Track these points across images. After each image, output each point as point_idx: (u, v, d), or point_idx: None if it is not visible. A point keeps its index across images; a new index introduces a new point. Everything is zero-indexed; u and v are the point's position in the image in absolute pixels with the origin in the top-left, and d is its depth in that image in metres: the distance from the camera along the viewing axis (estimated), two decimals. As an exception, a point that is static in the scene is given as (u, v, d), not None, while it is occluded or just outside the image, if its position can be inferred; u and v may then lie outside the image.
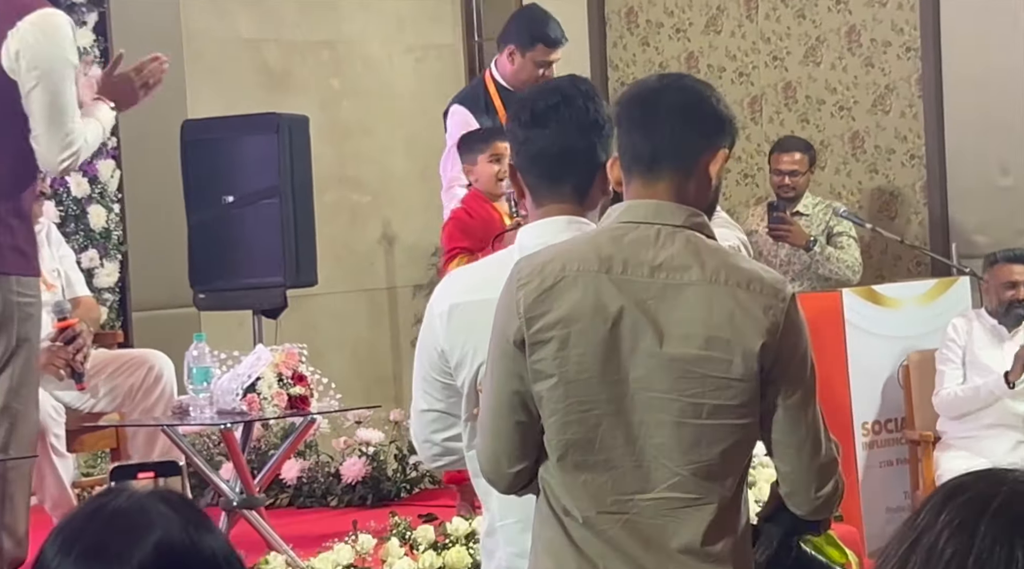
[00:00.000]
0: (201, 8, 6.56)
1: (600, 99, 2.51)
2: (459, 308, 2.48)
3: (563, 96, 2.47)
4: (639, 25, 7.22)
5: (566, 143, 2.44)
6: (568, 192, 2.45)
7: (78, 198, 5.59)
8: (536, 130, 2.46)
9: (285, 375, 4.25)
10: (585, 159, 2.45)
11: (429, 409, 2.56)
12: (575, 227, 2.43)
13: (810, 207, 6.12)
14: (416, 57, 7.41)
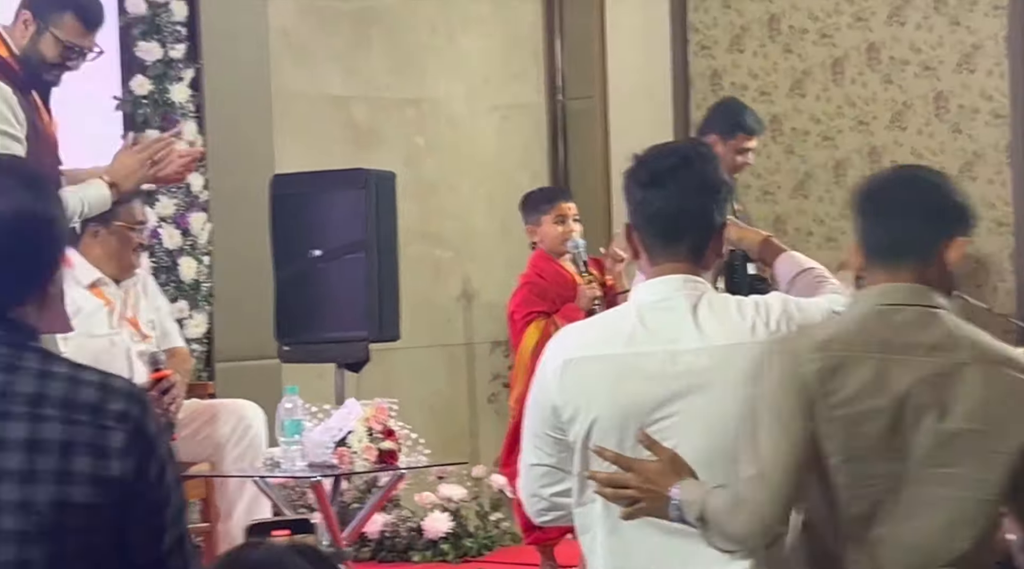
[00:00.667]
0: (291, 65, 6.65)
1: (717, 162, 2.56)
2: (573, 363, 2.49)
3: (681, 158, 2.52)
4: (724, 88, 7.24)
5: (683, 204, 2.48)
6: (684, 252, 2.48)
7: (170, 249, 5.67)
8: (654, 190, 2.50)
9: (375, 429, 4.27)
10: (701, 220, 2.49)
11: (539, 463, 2.57)
12: (691, 286, 2.46)
13: None
14: (500, 115, 7.47)
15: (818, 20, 6.91)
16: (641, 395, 2.44)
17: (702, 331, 2.44)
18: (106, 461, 1.81)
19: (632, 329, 2.47)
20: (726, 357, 2.42)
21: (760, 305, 2.49)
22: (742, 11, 7.13)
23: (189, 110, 5.75)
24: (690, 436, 2.42)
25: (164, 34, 5.62)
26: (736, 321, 2.45)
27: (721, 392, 2.42)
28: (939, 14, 6.58)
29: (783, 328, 2.45)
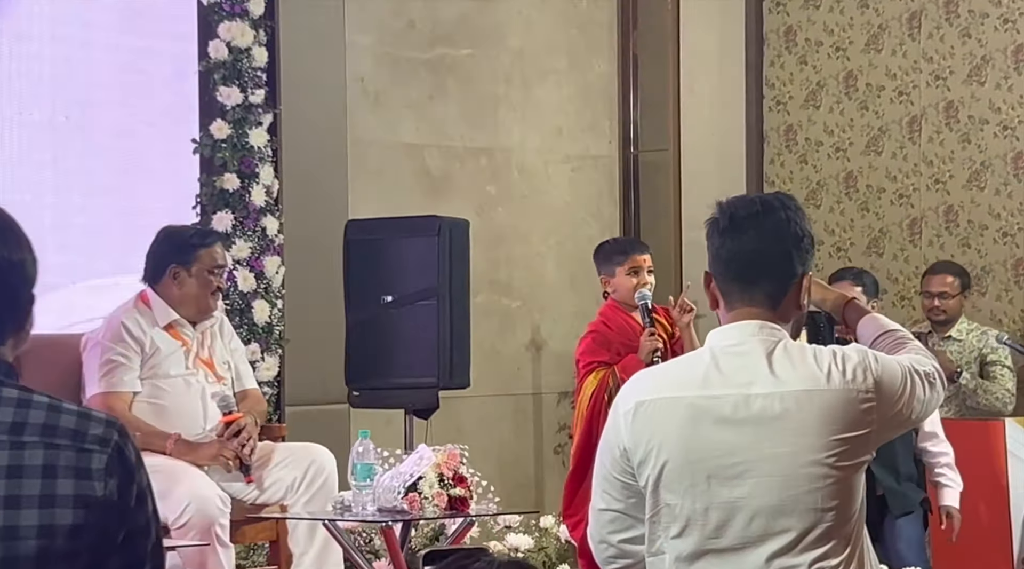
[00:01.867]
0: (367, 112, 6.71)
1: (802, 214, 2.53)
2: (644, 406, 2.48)
3: (762, 204, 2.52)
4: (798, 143, 7.22)
5: (761, 248, 2.47)
6: (760, 298, 2.46)
7: (244, 293, 5.71)
8: (733, 236, 2.48)
9: (446, 475, 4.26)
10: (779, 267, 2.47)
11: (607, 508, 2.54)
12: (767, 332, 2.44)
13: (964, 332, 6.02)
14: (572, 167, 7.48)
15: (895, 78, 6.88)
16: (713, 439, 2.42)
17: (776, 376, 2.40)
18: (89, 482, 1.85)
19: (706, 372, 2.45)
20: (799, 402, 2.39)
21: (838, 354, 2.47)
22: (818, 67, 7.11)
23: (267, 155, 5.81)
24: (761, 481, 2.39)
25: (244, 79, 5.69)
26: (812, 367, 2.42)
27: (793, 438, 2.39)
28: (1019, 74, 6.53)
29: (859, 378, 2.43)
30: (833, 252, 7.12)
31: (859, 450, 2.42)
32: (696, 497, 2.40)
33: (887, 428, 2.49)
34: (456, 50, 7.06)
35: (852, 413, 2.40)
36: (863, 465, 2.45)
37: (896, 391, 2.47)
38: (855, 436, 2.41)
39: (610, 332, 4.88)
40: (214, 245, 4.57)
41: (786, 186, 7.24)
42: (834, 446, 2.39)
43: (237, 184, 5.66)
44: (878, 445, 2.48)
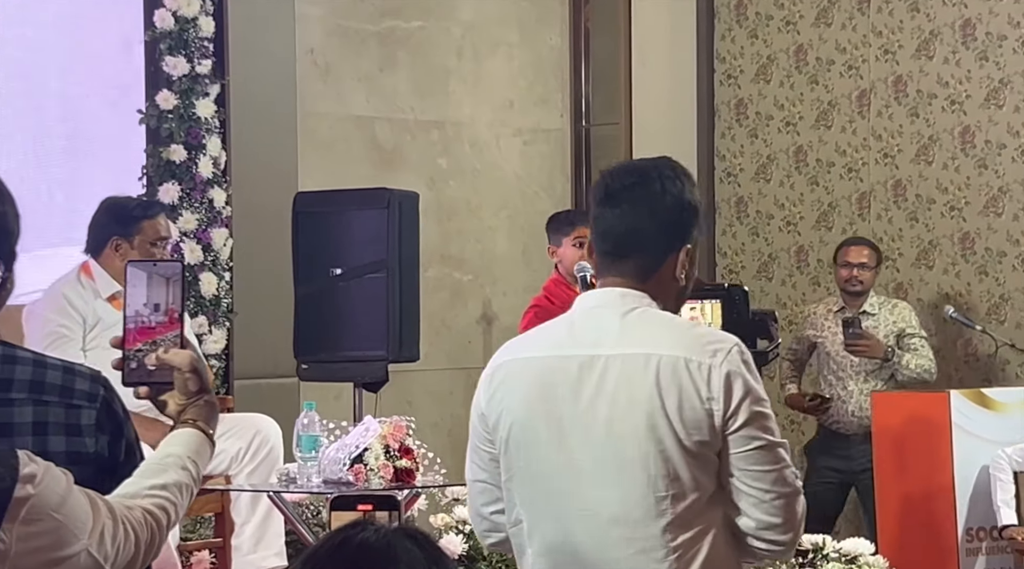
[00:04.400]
0: (317, 84, 6.67)
1: (684, 183, 2.45)
2: (501, 368, 2.44)
3: (640, 176, 2.44)
4: (748, 117, 7.24)
5: (633, 223, 2.41)
6: (630, 271, 2.42)
7: (191, 265, 5.67)
8: (607, 208, 2.44)
9: (392, 447, 4.25)
10: (652, 242, 2.41)
11: (475, 479, 2.50)
12: (629, 298, 2.39)
13: (876, 307, 6.08)
14: (524, 140, 7.47)
15: (845, 52, 6.90)
16: (554, 398, 2.37)
17: (624, 338, 2.36)
18: (80, 438, 1.83)
19: (560, 333, 2.43)
20: (639, 366, 2.33)
21: (706, 335, 2.40)
22: (769, 41, 7.12)
23: (214, 126, 5.76)
24: (593, 441, 2.35)
25: (191, 49, 5.64)
26: (661, 333, 2.36)
27: (627, 401, 2.33)
28: (966, 48, 6.57)
29: (723, 358, 2.32)
30: (783, 226, 7.14)
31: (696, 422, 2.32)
32: (537, 459, 2.36)
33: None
34: (406, 22, 7.02)
35: (689, 393, 2.31)
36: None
37: (741, 437, 2.33)
38: (692, 416, 2.31)
39: (552, 307, 4.88)
40: (157, 217, 4.53)
41: (737, 160, 7.26)
42: (672, 419, 2.31)
43: (184, 155, 5.62)
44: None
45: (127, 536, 1.80)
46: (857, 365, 6.00)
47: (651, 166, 2.48)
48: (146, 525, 1.84)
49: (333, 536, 1.56)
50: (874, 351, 5.91)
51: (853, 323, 5.90)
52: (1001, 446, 5.57)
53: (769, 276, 7.18)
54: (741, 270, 7.27)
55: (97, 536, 1.75)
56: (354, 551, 1.48)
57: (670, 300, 2.43)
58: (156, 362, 1.98)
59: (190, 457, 1.96)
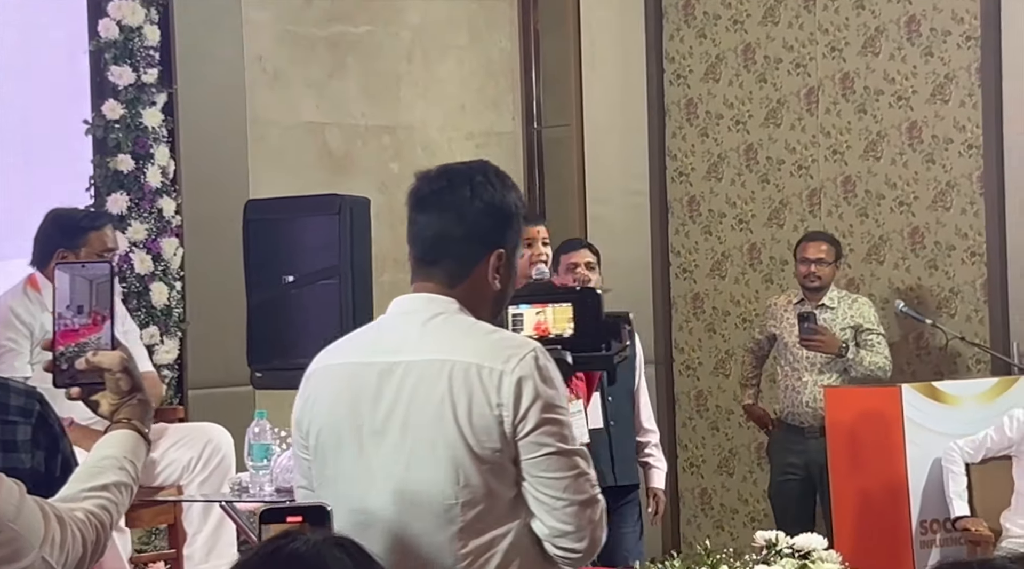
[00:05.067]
0: (266, 91, 6.65)
1: (497, 185, 2.44)
2: (314, 375, 2.46)
3: (449, 181, 2.44)
4: (699, 116, 7.27)
5: (441, 229, 2.40)
6: (439, 276, 2.41)
7: (141, 275, 5.64)
8: (418, 213, 2.44)
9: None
10: (461, 248, 2.40)
11: (298, 486, 2.49)
12: (434, 306, 2.39)
13: (835, 300, 6.13)
14: (476, 144, 7.47)
15: (792, 50, 6.94)
16: (356, 405, 2.35)
17: (423, 345, 2.35)
18: (16, 454, 1.83)
19: (367, 340, 2.43)
20: (433, 372, 2.32)
21: (509, 344, 2.37)
22: (717, 40, 7.16)
23: (162, 135, 5.73)
24: (389, 449, 2.33)
25: (137, 58, 5.61)
26: (458, 340, 2.35)
27: (421, 408, 2.32)
28: (912, 45, 6.62)
29: (515, 364, 2.31)
30: (735, 224, 7.18)
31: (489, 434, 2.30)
32: (341, 466, 2.36)
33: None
34: (355, 27, 7.01)
35: (479, 400, 2.30)
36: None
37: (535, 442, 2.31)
38: (482, 423, 2.30)
39: (506, 307, 4.87)
40: (103, 228, 4.51)
41: (688, 159, 7.28)
42: (463, 425, 2.30)
43: (132, 165, 5.59)
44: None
45: (75, 539, 1.81)
46: (812, 357, 6.05)
47: (463, 171, 2.47)
48: (91, 526, 1.86)
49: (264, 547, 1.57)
50: (828, 346, 5.95)
51: (808, 318, 5.94)
52: (953, 438, 5.62)
53: (722, 274, 7.22)
54: (695, 268, 7.29)
55: (50, 542, 1.77)
56: (284, 561, 1.49)
57: (485, 305, 2.42)
58: (85, 365, 1.98)
59: (127, 457, 1.97)
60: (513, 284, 2.48)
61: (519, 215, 2.44)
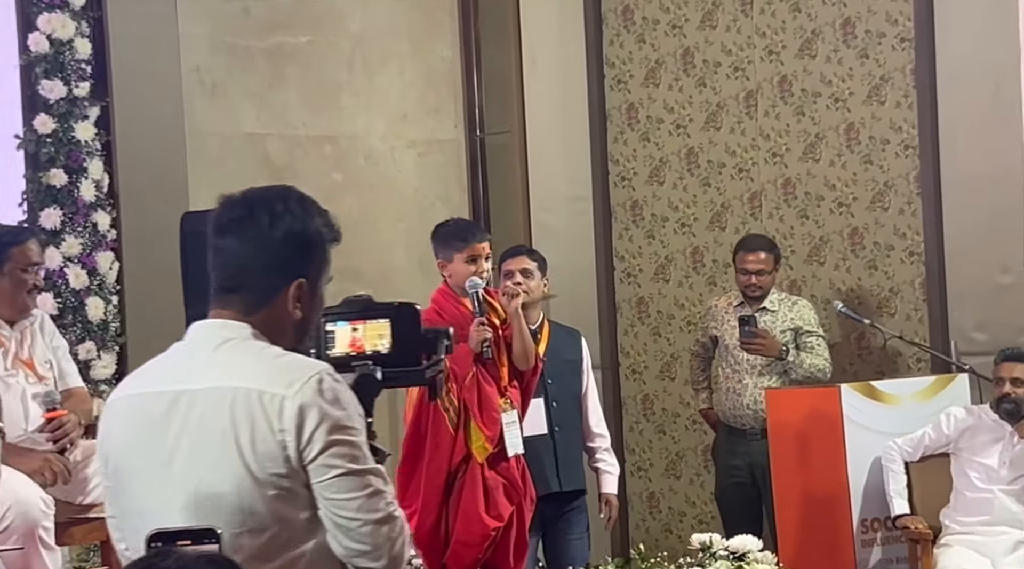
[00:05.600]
0: (205, 102, 6.63)
1: (300, 214, 2.40)
2: (112, 406, 2.43)
3: (250, 208, 2.41)
4: (640, 121, 7.29)
5: (239, 257, 2.39)
6: (236, 304, 2.39)
7: (76, 290, 5.61)
8: (218, 239, 2.43)
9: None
10: (259, 278, 2.38)
11: (109, 515, 2.45)
12: (226, 331, 2.37)
13: (776, 303, 6.15)
14: (418, 152, 7.47)
15: (731, 54, 6.97)
16: (147, 436, 2.33)
17: (210, 372, 2.33)
18: None
19: (160, 368, 2.41)
20: (217, 400, 2.30)
21: (301, 367, 2.32)
22: (656, 45, 7.18)
23: (95, 149, 5.71)
24: (178, 480, 2.29)
25: (68, 72, 5.58)
26: (245, 366, 2.32)
27: (206, 436, 2.30)
28: (848, 47, 6.65)
29: (298, 388, 2.28)
30: (678, 228, 7.20)
31: (274, 465, 2.28)
32: (133, 500, 2.33)
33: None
34: (294, 37, 7.00)
35: (261, 427, 2.28)
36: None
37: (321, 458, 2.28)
38: (265, 449, 2.28)
39: (441, 321, 4.86)
40: (26, 242, 4.48)
41: (630, 164, 7.30)
42: (245, 453, 2.28)
43: (65, 179, 5.57)
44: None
45: None
46: (752, 360, 6.07)
47: (264, 199, 2.43)
48: None
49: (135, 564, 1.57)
50: (769, 349, 5.97)
51: (749, 321, 5.96)
52: (892, 437, 5.65)
53: (666, 278, 7.23)
54: (639, 273, 7.31)
55: None
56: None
57: (286, 333, 2.39)
58: None
59: None
60: (318, 311, 2.45)
61: (324, 243, 2.41)
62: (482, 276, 4.88)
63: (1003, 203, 6.13)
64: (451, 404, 4.74)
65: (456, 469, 4.74)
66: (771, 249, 6.18)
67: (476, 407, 4.74)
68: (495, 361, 4.81)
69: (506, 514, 4.81)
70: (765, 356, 6.00)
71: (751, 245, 6.20)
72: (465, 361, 4.76)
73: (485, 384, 4.78)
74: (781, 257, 6.29)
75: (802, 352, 6.04)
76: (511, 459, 4.83)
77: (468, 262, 4.87)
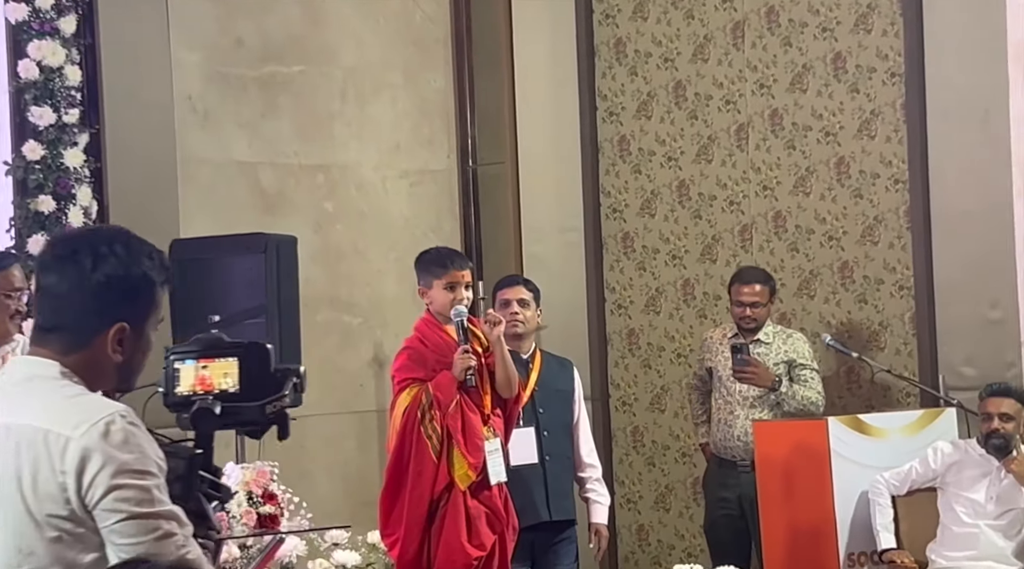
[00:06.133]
0: (197, 130, 6.65)
1: (123, 257, 2.38)
2: None
3: (72, 250, 2.37)
4: (631, 153, 7.31)
5: (59, 298, 2.36)
6: (54, 343, 2.36)
7: (64, 315, 5.61)
8: (42, 278, 2.40)
9: (255, 493, 4.22)
10: (77, 317, 2.35)
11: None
12: (31, 368, 2.35)
13: (770, 336, 6.14)
14: (411, 182, 7.49)
15: (722, 87, 6.99)
16: None
17: (4, 409, 2.31)
18: None
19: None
20: (4, 437, 2.28)
21: (95, 404, 2.30)
22: (648, 78, 7.20)
23: (84, 175, 5.72)
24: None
25: (58, 99, 5.60)
26: (38, 404, 2.29)
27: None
28: (838, 81, 6.67)
29: (85, 430, 2.24)
30: (669, 260, 7.20)
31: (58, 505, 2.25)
32: None
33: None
34: (287, 67, 7.02)
35: (44, 467, 2.26)
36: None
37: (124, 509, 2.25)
38: (46, 490, 2.25)
39: (425, 349, 4.87)
40: (9, 268, 4.49)
41: (621, 196, 7.31)
42: (26, 493, 2.26)
43: (53, 206, 5.57)
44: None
45: None
46: (745, 391, 6.06)
47: (89, 240, 2.40)
48: None
49: None
50: (761, 379, 5.96)
51: (741, 350, 5.95)
52: (879, 471, 5.64)
53: (657, 310, 7.23)
54: (630, 305, 7.31)
55: None
56: None
57: (107, 376, 2.38)
58: None
59: None
60: (143, 354, 2.44)
61: (151, 287, 2.39)
62: (462, 303, 4.89)
63: (993, 238, 6.14)
64: (434, 432, 4.74)
65: (439, 497, 4.73)
66: (766, 281, 6.18)
67: (460, 434, 4.74)
68: (478, 389, 4.81)
69: (488, 543, 4.79)
70: (757, 386, 5.99)
71: (746, 277, 6.20)
72: (448, 389, 4.75)
73: (469, 412, 4.78)
74: (776, 289, 6.28)
75: (795, 384, 6.03)
76: (494, 488, 4.82)
77: (447, 289, 4.89)
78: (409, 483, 4.73)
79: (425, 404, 4.74)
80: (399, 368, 4.89)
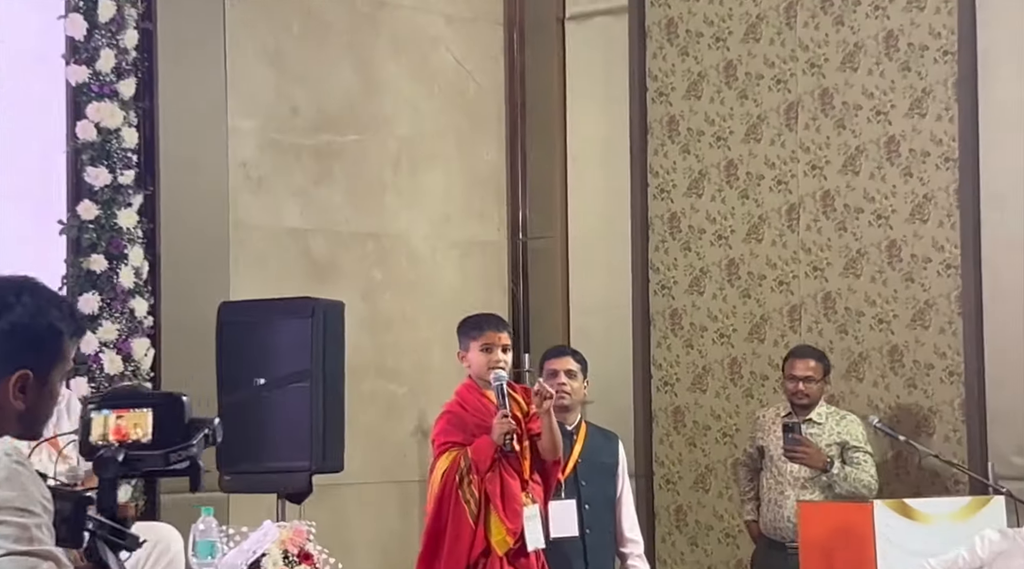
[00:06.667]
0: (250, 196, 6.72)
1: (27, 311, 2.40)
2: None
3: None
4: (681, 230, 7.29)
5: None
6: None
7: (110, 375, 5.65)
8: None
9: (291, 552, 4.21)
10: None
11: None
12: None
13: (823, 416, 6.08)
14: (460, 252, 7.51)
15: (773, 167, 6.98)
16: None
17: None
18: None
19: None
20: None
21: None
22: (700, 156, 7.22)
23: (137, 236, 5.78)
24: None
25: (114, 160, 5.68)
26: None
27: None
28: (892, 165, 6.66)
29: None
30: (716, 338, 7.16)
31: None
32: None
33: None
34: (342, 136, 7.10)
35: None
36: None
37: None
38: None
39: (464, 413, 4.87)
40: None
41: (670, 272, 7.30)
42: None
43: (105, 265, 5.63)
44: None
45: None
46: (796, 471, 5.99)
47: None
48: None
49: None
50: (813, 459, 5.89)
51: (793, 428, 5.90)
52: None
53: (703, 388, 7.18)
54: (676, 382, 7.27)
55: None
56: None
57: (10, 422, 2.39)
58: None
59: None
60: (48, 403, 2.45)
61: (58, 336, 2.41)
62: (499, 365, 4.90)
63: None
64: (472, 496, 4.72)
65: (475, 562, 4.70)
66: (821, 359, 6.15)
67: (498, 499, 4.72)
68: (517, 454, 4.79)
69: (525, 610, 4.75)
70: (809, 466, 5.92)
71: (801, 352, 6.18)
72: (487, 453, 4.74)
73: (507, 477, 4.76)
74: (830, 369, 6.23)
75: (847, 466, 5.95)
76: (531, 555, 4.78)
77: (483, 351, 4.93)
78: (446, 547, 4.70)
79: (463, 468, 4.73)
80: (439, 432, 4.89)
